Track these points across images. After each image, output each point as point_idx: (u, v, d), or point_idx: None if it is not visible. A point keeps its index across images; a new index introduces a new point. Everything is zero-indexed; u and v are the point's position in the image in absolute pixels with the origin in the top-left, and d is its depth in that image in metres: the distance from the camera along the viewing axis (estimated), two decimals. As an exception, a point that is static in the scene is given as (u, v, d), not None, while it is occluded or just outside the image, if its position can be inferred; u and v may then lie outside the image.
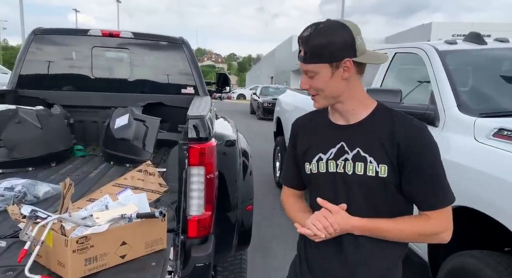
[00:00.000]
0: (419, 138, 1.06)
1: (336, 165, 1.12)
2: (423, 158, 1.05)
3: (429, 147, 1.07)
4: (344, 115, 1.14)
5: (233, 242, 2.24)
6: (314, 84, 1.10)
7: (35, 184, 2.15)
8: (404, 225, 1.09)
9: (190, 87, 3.96)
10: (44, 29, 3.75)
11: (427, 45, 2.66)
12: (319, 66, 1.06)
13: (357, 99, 1.12)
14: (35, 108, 2.96)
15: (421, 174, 1.05)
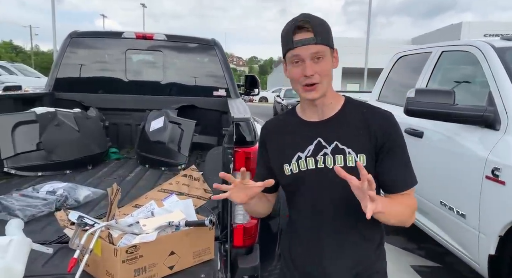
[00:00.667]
0: (391, 125, 1.11)
1: (315, 161, 1.12)
2: (397, 142, 1.11)
3: (399, 132, 1.13)
4: (320, 109, 1.13)
5: (275, 251, 2.14)
6: (322, 68, 1.07)
7: (76, 188, 2.12)
8: (404, 205, 1.10)
9: (222, 89, 3.90)
10: (80, 32, 3.79)
11: (481, 42, 2.48)
12: (326, 48, 1.07)
13: (334, 93, 1.15)
14: (73, 111, 2.96)
15: (397, 156, 1.11)
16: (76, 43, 3.70)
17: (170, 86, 3.88)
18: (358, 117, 1.12)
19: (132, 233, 1.41)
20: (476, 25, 23.66)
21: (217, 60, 3.84)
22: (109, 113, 3.57)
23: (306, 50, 1.05)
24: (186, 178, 1.70)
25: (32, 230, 1.72)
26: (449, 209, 2.34)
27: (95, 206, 2.13)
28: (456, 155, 2.29)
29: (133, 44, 3.80)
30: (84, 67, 3.74)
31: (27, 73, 12.45)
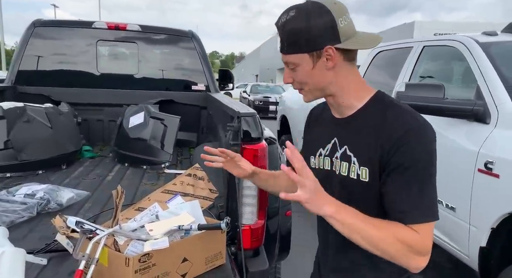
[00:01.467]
0: (406, 137, 0.86)
1: (331, 162, 1.02)
2: (408, 162, 0.86)
3: (417, 151, 0.87)
4: (336, 108, 1.01)
5: (275, 251, 2.08)
6: (296, 77, 0.97)
7: (57, 190, 1.93)
8: (391, 232, 0.86)
9: (201, 84, 3.76)
10: (45, 21, 3.48)
11: (465, 37, 2.55)
12: (298, 56, 0.93)
13: (349, 90, 0.97)
14: (44, 106, 2.70)
15: (403, 178, 0.87)
16: (41, 33, 3.39)
17: (145, 80, 3.67)
18: (376, 121, 0.93)
19: (139, 239, 1.28)
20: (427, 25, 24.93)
21: (195, 53, 3.69)
22: (79, 109, 3.31)
23: (282, 57, 0.98)
24: (191, 177, 1.59)
25: (13, 238, 1.51)
26: (438, 202, 2.39)
27: (79, 209, 1.95)
28: (445, 149, 2.34)
29: (105, 35, 3.56)
30: (50, 59, 3.44)
31: (-29, 65, 11.39)
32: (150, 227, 1.30)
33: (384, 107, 0.94)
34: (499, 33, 2.61)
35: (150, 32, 3.70)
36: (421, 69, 2.95)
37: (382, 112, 0.93)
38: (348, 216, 0.86)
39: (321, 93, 0.99)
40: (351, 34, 0.92)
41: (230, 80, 4.50)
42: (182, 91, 3.69)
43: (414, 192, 0.87)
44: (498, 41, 2.50)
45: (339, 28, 0.90)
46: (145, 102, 3.21)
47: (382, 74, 3.62)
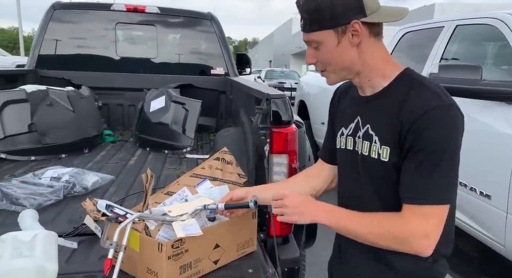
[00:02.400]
0: (426, 119, 0.83)
1: (354, 141, 1.01)
2: (425, 145, 0.84)
3: (436, 133, 0.83)
4: (361, 87, 0.99)
5: (301, 239, 2.03)
6: (320, 56, 0.93)
7: (82, 173, 1.91)
8: (371, 219, 0.91)
9: (219, 67, 3.69)
10: (64, 3, 3.44)
11: (504, 14, 2.39)
12: (322, 33, 0.89)
13: (375, 68, 0.93)
14: (66, 90, 2.68)
15: (417, 160, 0.85)
16: (60, 16, 3.35)
17: (164, 64, 3.62)
18: (399, 99, 0.89)
19: (165, 220, 1.23)
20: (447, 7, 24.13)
21: (214, 36, 3.61)
22: (99, 93, 3.29)
23: (303, 36, 0.94)
24: (219, 161, 1.54)
25: (42, 221, 1.50)
26: (470, 189, 2.30)
27: (104, 193, 1.94)
28: (480, 134, 2.23)
29: (124, 18, 3.50)
30: (70, 43, 3.41)
31: (-10, 51, 11.54)
32: (169, 209, 1.25)
33: (410, 85, 0.90)
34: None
35: (169, 15, 3.62)
36: (453, 50, 2.80)
37: (407, 90, 0.89)
38: (339, 220, 0.93)
39: (346, 73, 0.95)
40: (376, 7, 0.89)
41: (247, 65, 4.42)
42: (201, 75, 3.64)
43: (425, 174, 0.85)
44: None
45: (364, 1, 0.86)
46: (165, 87, 3.16)
47: (409, 56, 3.48)
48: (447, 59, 2.86)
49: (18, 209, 1.54)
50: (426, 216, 0.86)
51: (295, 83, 13.49)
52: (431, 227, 0.86)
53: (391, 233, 0.88)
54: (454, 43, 2.81)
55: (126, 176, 2.23)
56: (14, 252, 0.95)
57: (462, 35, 2.78)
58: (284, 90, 14.61)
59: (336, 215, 0.95)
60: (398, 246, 0.89)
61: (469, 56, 2.72)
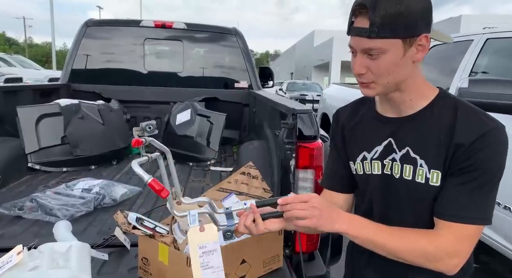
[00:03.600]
0: (485, 140, 0.81)
1: (382, 165, 0.94)
2: (480, 165, 0.82)
3: (493, 155, 0.82)
4: (397, 106, 0.92)
5: (327, 256, 2.00)
6: (376, 67, 0.84)
7: (112, 185, 1.97)
8: (402, 233, 0.87)
9: (243, 81, 3.75)
10: (96, 20, 3.60)
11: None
12: (390, 42, 0.81)
13: (418, 88, 0.89)
14: (97, 103, 2.79)
15: (467, 178, 0.82)
16: (92, 32, 3.51)
17: (190, 78, 3.71)
18: (446, 121, 0.86)
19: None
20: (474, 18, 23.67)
21: (238, 50, 3.68)
22: (127, 106, 3.40)
23: (358, 42, 0.84)
24: (245, 176, 1.56)
25: (74, 232, 1.56)
26: (504, 208, 2.21)
27: (132, 205, 1.99)
28: None
29: (152, 34, 3.63)
30: (101, 58, 3.56)
31: (25, 65, 12.13)
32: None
33: (453, 107, 0.87)
34: None
35: (195, 30, 3.73)
36: (483, 64, 2.74)
37: (452, 112, 0.86)
38: (362, 231, 0.87)
39: (394, 89, 0.88)
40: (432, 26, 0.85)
41: (270, 78, 4.47)
42: (225, 88, 3.70)
43: (472, 193, 0.83)
44: None
45: (432, 16, 0.82)
46: (191, 100, 3.23)
47: (436, 69, 3.42)
48: (477, 73, 2.79)
49: (52, 220, 1.61)
50: (464, 235, 0.84)
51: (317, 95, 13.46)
52: (464, 247, 0.84)
53: (423, 248, 0.84)
54: (484, 57, 2.75)
55: None
56: (51, 263, 0.98)
57: (493, 49, 2.71)
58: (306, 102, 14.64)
59: (364, 226, 0.88)
60: (427, 262, 0.85)
61: (500, 71, 2.65)
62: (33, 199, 1.72)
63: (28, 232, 1.58)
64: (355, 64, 0.87)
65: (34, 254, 1.01)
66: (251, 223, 0.91)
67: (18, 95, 2.74)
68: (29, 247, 1.10)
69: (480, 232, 0.85)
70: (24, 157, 2.40)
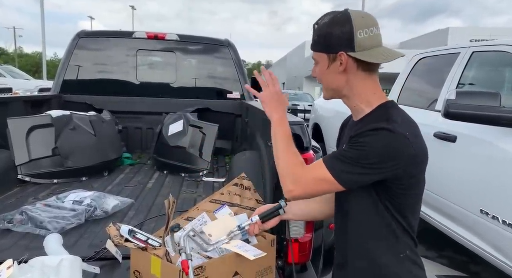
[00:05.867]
0: (368, 129, 0.98)
1: None
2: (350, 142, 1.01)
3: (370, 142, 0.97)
4: (352, 111, 1.13)
5: (319, 266, 2.01)
6: (316, 73, 1.11)
7: (103, 197, 1.95)
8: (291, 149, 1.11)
9: (236, 91, 3.77)
10: (88, 31, 3.61)
11: (523, 42, 2.41)
12: (318, 55, 1.08)
13: (359, 96, 1.08)
14: (88, 114, 2.78)
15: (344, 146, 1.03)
16: (84, 43, 3.52)
17: (182, 88, 3.72)
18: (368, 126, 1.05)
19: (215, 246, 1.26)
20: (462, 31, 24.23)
21: (231, 61, 3.71)
22: (119, 117, 3.39)
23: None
24: (237, 187, 1.56)
25: (65, 244, 1.54)
26: (493, 218, 2.25)
27: (124, 217, 1.97)
28: (501, 161, 2.20)
29: (144, 45, 3.64)
30: (93, 68, 3.56)
31: (15, 75, 12.03)
32: (208, 232, 1.28)
33: (380, 113, 1.03)
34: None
35: (188, 42, 3.75)
36: (470, 76, 2.81)
37: (375, 118, 1.03)
38: (278, 127, 1.13)
39: (333, 93, 1.11)
40: (369, 46, 1.02)
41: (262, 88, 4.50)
42: (217, 99, 3.71)
43: (343, 152, 1.01)
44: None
45: (356, 38, 1.00)
46: (183, 111, 3.24)
47: (424, 82, 3.49)
48: (464, 84, 2.86)
49: (43, 232, 1.59)
50: (315, 174, 1.02)
51: (309, 105, 13.54)
52: (307, 182, 1.03)
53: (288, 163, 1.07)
54: (470, 69, 2.82)
55: (144, 199, 2.27)
56: (42, 277, 0.97)
57: (479, 61, 2.79)
58: (297, 112, 14.71)
59: (283, 127, 1.13)
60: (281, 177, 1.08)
61: (486, 83, 2.72)
62: (22, 211, 1.70)
63: (18, 245, 1.55)
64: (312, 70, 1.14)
65: (25, 268, 1.00)
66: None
67: (9, 106, 2.72)
68: (19, 261, 1.09)
69: (323, 182, 1.01)
70: (14, 169, 2.37)
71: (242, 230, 1.27)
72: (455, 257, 3.30)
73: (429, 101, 3.18)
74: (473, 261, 3.17)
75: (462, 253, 3.13)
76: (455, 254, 3.32)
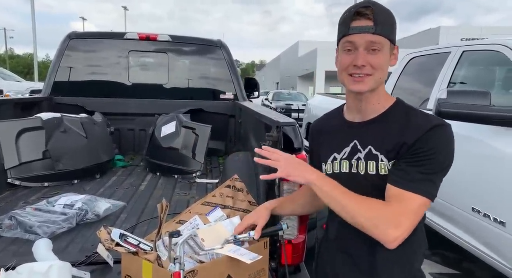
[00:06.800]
0: (434, 133, 0.94)
1: (350, 164, 1.06)
2: (428, 153, 0.93)
3: (440, 143, 0.94)
4: (364, 109, 1.06)
5: (313, 267, 2.00)
6: (376, 60, 0.99)
7: (95, 200, 1.93)
8: (359, 197, 0.96)
9: (229, 92, 3.76)
10: (79, 33, 3.58)
11: (510, 40, 2.43)
12: (386, 41, 0.99)
13: (383, 93, 1.06)
14: (79, 117, 2.75)
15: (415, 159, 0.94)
16: (75, 45, 3.48)
17: (175, 89, 3.71)
18: (399, 121, 1.01)
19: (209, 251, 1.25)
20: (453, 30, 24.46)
21: (223, 62, 3.70)
22: (111, 118, 3.36)
23: (361, 38, 0.98)
24: (230, 189, 1.55)
25: (55, 249, 1.52)
26: (484, 216, 2.26)
27: (116, 220, 1.95)
28: (493, 159, 2.22)
29: (136, 46, 3.62)
30: (84, 70, 3.52)
31: (5, 76, 11.86)
32: (202, 236, 1.26)
33: (405, 111, 1.03)
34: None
35: (180, 42, 3.74)
36: (460, 75, 2.82)
37: (405, 114, 1.01)
38: (327, 184, 0.98)
39: (377, 86, 1.02)
40: None
41: (256, 88, 4.49)
42: (210, 100, 3.70)
43: (422, 170, 0.93)
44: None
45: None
46: (176, 112, 3.22)
47: (416, 80, 3.51)
48: (455, 83, 2.88)
49: (32, 237, 1.56)
50: (410, 208, 0.92)
51: (302, 105, 13.57)
52: (407, 221, 0.92)
53: (371, 213, 0.93)
54: (461, 68, 2.84)
55: (137, 202, 2.25)
56: (30, 284, 0.95)
57: (469, 60, 2.81)
58: (291, 112, 14.75)
59: (329, 181, 0.99)
60: (372, 228, 0.93)
61: (477, 82, 2.75)
62: (12, 216, 1.67)
63: (6, 251, 1.53)
64: (359, 58, 0.98)
65: (12, 275, 0.98)
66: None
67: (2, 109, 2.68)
68: (7, 268, 1.07)
69: (423, 209, 0.94)
70: (4, 173, 2.34)
71: (237, 241, 1.26)
72: (448, 255, 3.32)
73: (420, 100, 3.19)
74: (466, 258, 3.19)
75: (455, 251, 3.15)
76: (448, 252, 3.34)
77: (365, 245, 1.03)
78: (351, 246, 1.09)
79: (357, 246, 1.07)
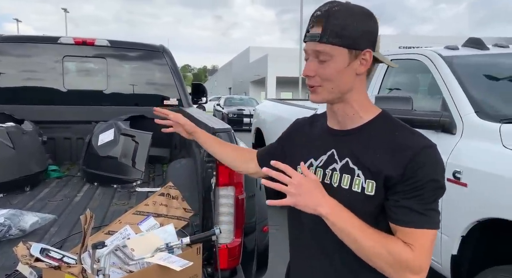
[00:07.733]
0: (425, 155, 0.87)
1: (324, 174, 0.99)
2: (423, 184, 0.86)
3: (433, 173, 0.87)
4: (341, 119, 0.98)
5: (252, 270, 2.04)
6: (323, 71, 0.91)
7: (20, 215, 1.81)
8: (374, 232, 0.88)
9: (173, 98, 3.71)
10: (8, 36, 3.36)
11: (429, 51, 2.66)
12: (337, 49, 0.89)
13: (361, 102, 0.96)
14: (5, 126, 2.56)
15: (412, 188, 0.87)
16: (4, 49, 3.25)
17: (115, 96, 3.58)
18: (385, 138, 0.92)
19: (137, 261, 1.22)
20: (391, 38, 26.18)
21: (166, 67, 3.65)
22: (45, 127, 3.17)
23: (310, 45, 0.92)
24: (164, 197, 1.54)
25: None
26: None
27: (44, 234, 1.84)
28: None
29: (72, 51, 3.46)
30: (14, 76, 3.29)
31: None
32: (131, 246, 1.24)
33: (393, 126, 0.94)
34: (459, 47, 2.73)
35: (120, 47, 3.63)
36: (389, 82, 3.03)
37: (392, 131, 0.93)
38: (342, 221, 0.87)
39: (338, 96, 0.94)
40: (379, 48, 0.95)
41: (204, 94, 4.47)
42: (153, 106, 3.62)
43: (421, 201, 0.86)
44: (460, 55, 2.62)
45: (378, 38, 0.91)
46: (115, 119, 3.12)
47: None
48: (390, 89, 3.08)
49: None
50: (427, 246, 0.86)
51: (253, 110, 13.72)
52: (424, 261, 0.86)
53: (392, 256, 0.85)
54: (389, 75, 3.05)
55: (70, 214, 2.14)
56: None
57: (396, 68, 3.02)
58: (243, 117, 14.85)
59: (346, 217, 0.88)
60: (393, 273, 0.87)
61: (403, 88, 2.96)
62: None
63: None
64: (305, 67, 0.93)
65: None
66: None
67: None
68: None
69: (434, 241, 0.89)
70: None
71: (169, 249, 1.25)
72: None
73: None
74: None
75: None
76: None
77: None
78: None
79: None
